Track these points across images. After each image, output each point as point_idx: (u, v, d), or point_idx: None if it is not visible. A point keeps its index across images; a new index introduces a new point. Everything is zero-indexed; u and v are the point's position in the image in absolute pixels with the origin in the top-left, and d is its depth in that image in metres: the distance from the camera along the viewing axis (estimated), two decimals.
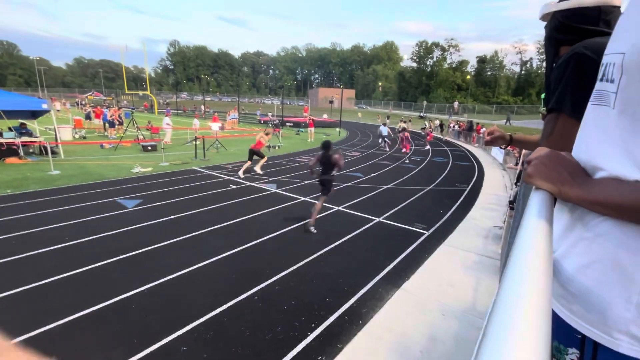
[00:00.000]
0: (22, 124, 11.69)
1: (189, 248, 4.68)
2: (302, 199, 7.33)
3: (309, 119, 21.64)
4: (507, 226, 4.67)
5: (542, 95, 1.58)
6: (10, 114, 10.32)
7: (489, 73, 73.58)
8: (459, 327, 3.02)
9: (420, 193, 8.24)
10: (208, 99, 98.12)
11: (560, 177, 0.67)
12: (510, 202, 4.85)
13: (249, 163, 9.57)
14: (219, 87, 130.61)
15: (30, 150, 11.19)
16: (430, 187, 8.89)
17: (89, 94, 46.76)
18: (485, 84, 72.30)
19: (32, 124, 13.07)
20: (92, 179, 8.36)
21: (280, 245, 4.87)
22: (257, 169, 9.84)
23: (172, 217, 5.88)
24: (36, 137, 11.81)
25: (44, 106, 10.36)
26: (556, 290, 0.71)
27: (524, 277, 0.44)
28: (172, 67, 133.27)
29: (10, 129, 10.99)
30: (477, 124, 22.59)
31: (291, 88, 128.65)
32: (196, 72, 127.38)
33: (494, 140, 1.76)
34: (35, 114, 11.18)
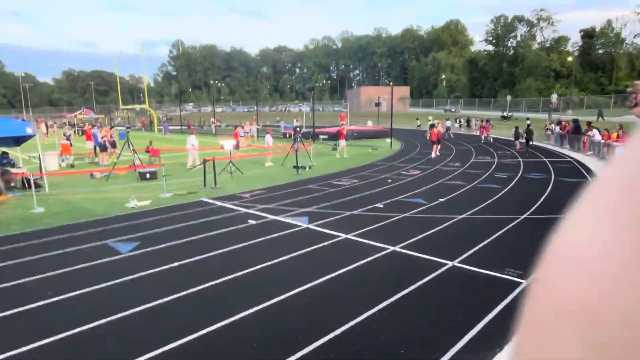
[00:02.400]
0: (3, 153, 13.01)
1: (196, 306, 4.79)
2: (343, 236, 7.31)
3: (341, 128, 21.64)
4: None
5: None
6: None
7: (600, 51, 70.22)
8: None
9: (511, 225, 7.89)
10: (219, 109, 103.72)
11: None
12: None
13: None
14: (232, 95, 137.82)
15: (12, 184, 12.34)
16: (524, 216, 8.51)
17: (79, 112, 51.24)
18: (597, 67, 68.82)
19: (15, 152, 14.46)
20: (80, 217, 8.99)
21: (315, 301, 4.84)
22: None
23: (176, 264, 6.09)
24: (19, 167, 13.03)
25: (29, 130, 11.47)
26: None
27: None
28: (174, 73, 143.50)
29: None
30: (589, 123, 21.32)
31: (324, 90, 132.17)
32: (204, 78, 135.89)
33: None
34: (18, 141, 12.38)
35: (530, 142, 21.60)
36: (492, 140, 29.12)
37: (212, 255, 6.44)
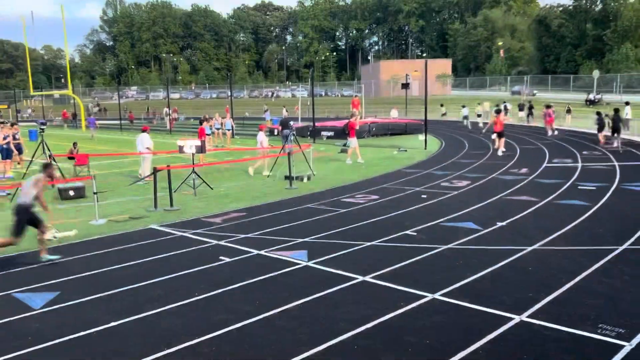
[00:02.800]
0: None
1: None
2: (359, 279, 7.27)
3: (351, 121, 21.53)
4: None
5: None
6: None
7: None
8: None
9: (604, 260, 7.85)
10: (176, 95, 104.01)
11: None
12: None
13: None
14: (194, 74, 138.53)
15: None
16: (622, 247, 8.47)
17: None
18: None
19: None
20: None
21: None
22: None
23: (112, 324, 6.04)
24: None
25: None
26: None
27: None
28: (110, 43, 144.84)
29: None
30: None
31: (327, 66, 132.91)
32: (154, 50, 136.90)
33: None
34: None
35: (616, 135, 21.77)
36: (556, 132, 29.36)
37: (166, 311, 6.38)
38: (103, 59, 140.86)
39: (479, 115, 39.14)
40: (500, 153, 21.11)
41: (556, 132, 29.59)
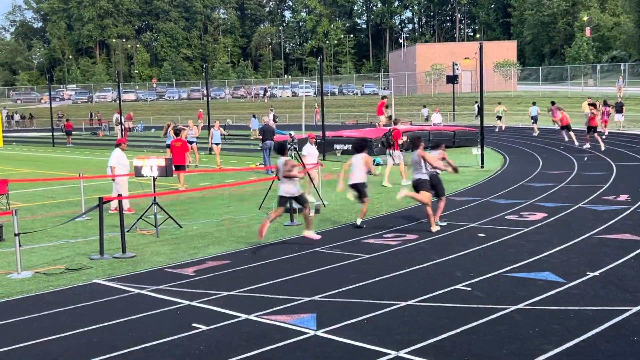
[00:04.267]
0: None
1: None
2: (393, 354, 7.18)
3: (397, 129, 21.93)
4: None
5: None
6: None
7: None
8: None
9: None
10: (130, 97, 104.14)
11: None
12: None
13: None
14: (156, 66, 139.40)
15: None
16: None
17: None
18: None
19: None
20: None
21: None
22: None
23: None
24: None
25: None
26: None
27: None
28: (39, 24, 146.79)
29: None
30: None
31: (342, 53, 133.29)
32: (100, 33, 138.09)
33: None
34: None
35: None
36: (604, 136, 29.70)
37: None
38: (29, 47, 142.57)
39: (498, 118, 40.92)
40: (587, 145, 21.11)
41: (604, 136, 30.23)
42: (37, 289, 10.51)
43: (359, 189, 14.83)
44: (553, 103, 38.73)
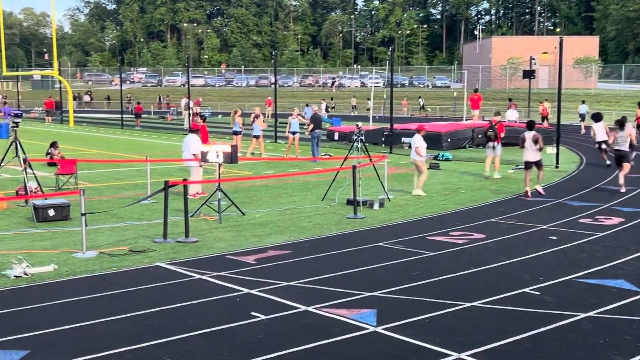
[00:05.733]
0: None
1: None
2: (454, 356, 7.09)
3: (499, 122, 22.50)
4: None
5: None
6: None
7: None
8: None
9: None
10: (199, 82, 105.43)
11: None
12: None
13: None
14: (225, 51, 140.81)
15: None
16: None
17: None
18: None
19: None
20: None
21: None
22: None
23: None
24: None
25: None
26: None
27: None
28: (113, 7, 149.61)
29: None
30: None
31: (415, 43, 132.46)
32: (170, 17, 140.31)
33: None
34: None
35: None
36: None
37: None
38: (102, 29, 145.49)
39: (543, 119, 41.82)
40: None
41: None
42: (101, 269, 10.70)
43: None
44: None
